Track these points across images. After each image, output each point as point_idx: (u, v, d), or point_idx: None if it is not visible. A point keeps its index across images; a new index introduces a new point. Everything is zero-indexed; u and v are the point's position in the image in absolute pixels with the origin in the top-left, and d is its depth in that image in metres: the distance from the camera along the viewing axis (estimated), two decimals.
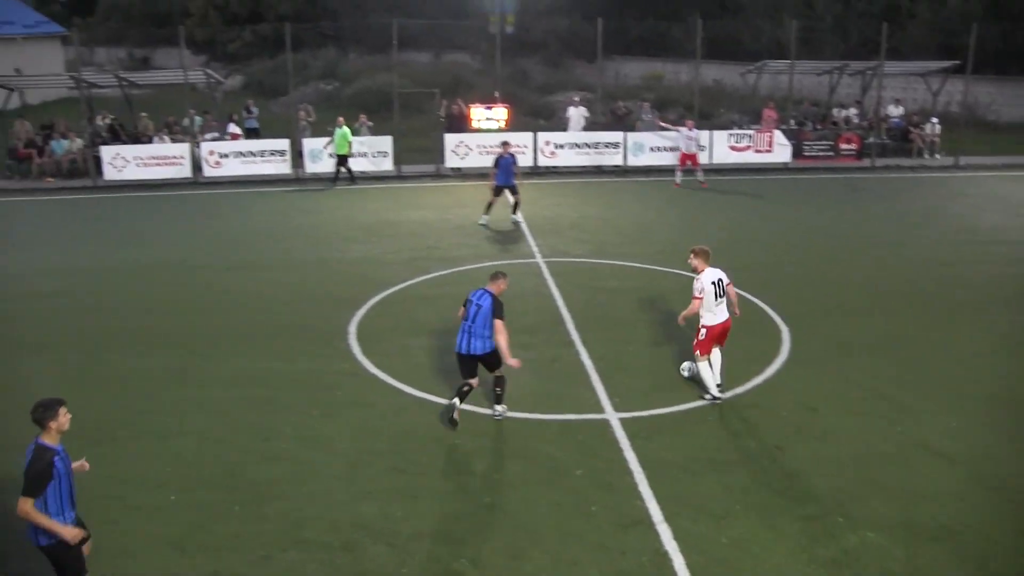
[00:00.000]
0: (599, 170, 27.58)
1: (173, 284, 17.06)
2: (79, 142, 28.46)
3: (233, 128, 28.76)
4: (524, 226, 20.73)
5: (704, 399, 11.54)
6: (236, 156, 26.92)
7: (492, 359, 10.83)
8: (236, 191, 25.59)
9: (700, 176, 25.52)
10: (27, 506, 7.01)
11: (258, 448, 10.53)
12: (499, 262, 17.74)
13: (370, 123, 28.16)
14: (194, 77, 30.29)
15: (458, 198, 23.91)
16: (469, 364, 10.86)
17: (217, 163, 26.93)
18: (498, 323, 10.52)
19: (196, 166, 27.02)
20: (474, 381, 10.85)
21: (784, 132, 28.57)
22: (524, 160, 25.87)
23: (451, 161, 27.01)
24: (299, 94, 35.33)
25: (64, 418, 7.35)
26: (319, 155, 26.57)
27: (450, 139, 26.91)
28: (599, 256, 18.25)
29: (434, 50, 52.02)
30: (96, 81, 32.25)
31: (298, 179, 26.57)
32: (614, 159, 27.53)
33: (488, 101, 27.85)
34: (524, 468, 9.98)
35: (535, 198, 23.20)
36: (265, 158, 26.85)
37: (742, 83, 34.05)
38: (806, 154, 28.95)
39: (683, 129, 25.61)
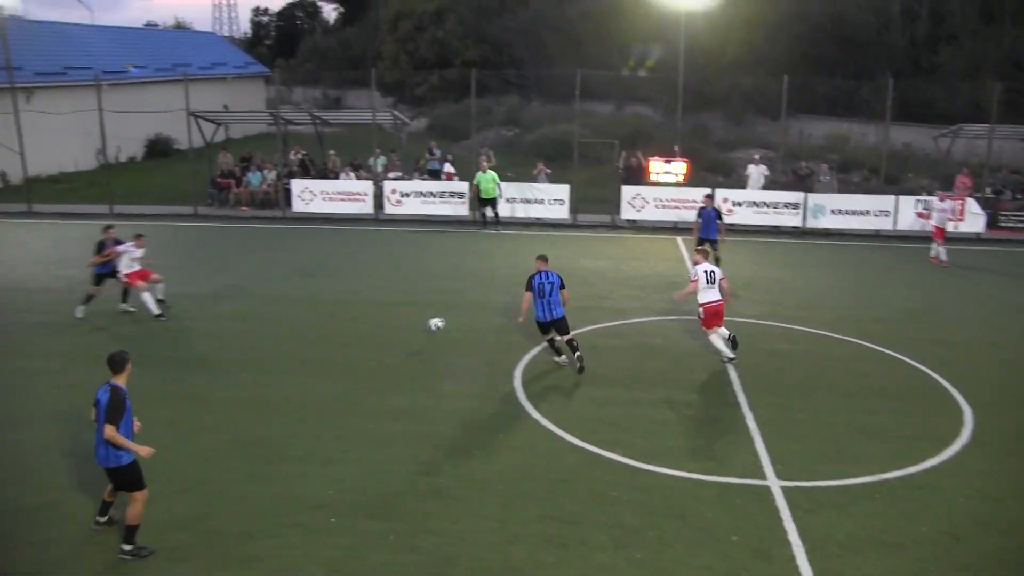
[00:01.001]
0: (776, 230, 26.95)
1: (347, 316, 17.78)
2: (273, 175, 30.21)
3: (448, 168, 29.68)
4: None
5: (723, 362, 14.75)
6: (417, 196, 27.86)
7: (564, 323, 14.40)
8: (414, 230, 26.45)
9: (941, 253, 23.30)
10: (112, 431, 8.89)
11: (417, 481, 10.75)
12: (668, 317, 17.57)
13: (548, 171, 28.57)
14: (382, 118, 31.66)
15: (632, 250, 23.85)
16: (550, 328, 14.44)
17: (399, 201, 27.94)
18: (565, 292, 14.47)
19: (378, 203, 28.12)
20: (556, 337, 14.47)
21: (979, 200, 27.12)
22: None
23: (627, 213, 27.03)
24: (481, 138, 36.36)
25: (128, 368, 9.44)
26: (502, 199, 27.16)
27: (627, 191, 26.96)
28: (771, 318, 17.76)
29: (616, 101, 52.44)
30: (292, 118, 34.25)
31: (474, 222, 27.19)
32: (793, 220, 26.84)
33: (667, 154, 27.76)
34: (678, 527, 9.75)
35: None
36: (444, 199, 27.65)
37: (934, 147, 32.60)
38: (1003, 224, 27.36)
39: (934, 200, 24.76)
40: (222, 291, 19.47)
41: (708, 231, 20.45)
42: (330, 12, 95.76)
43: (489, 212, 26.68)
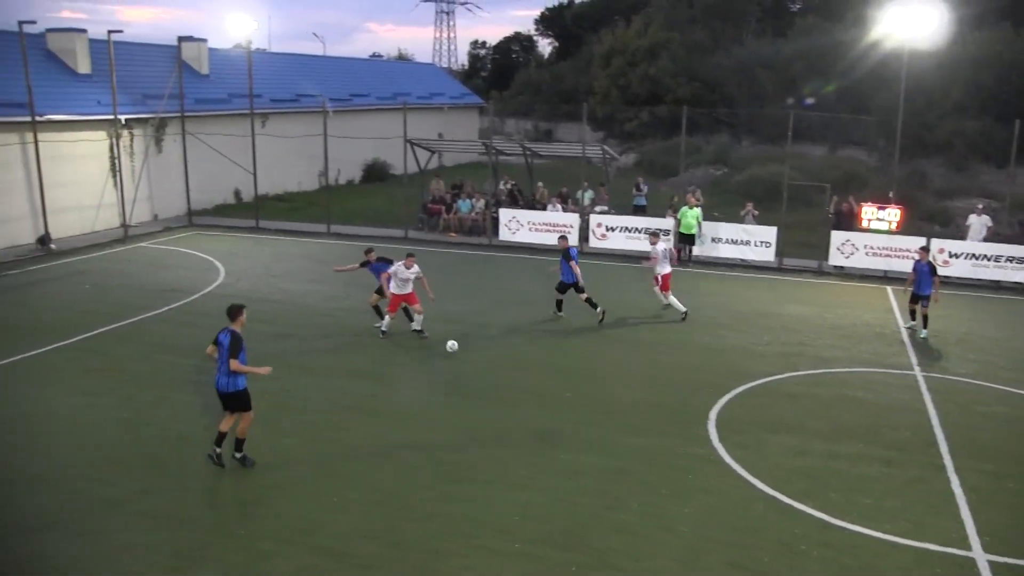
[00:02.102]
0: (997, 285, 25.20)
1: (546, 346, 18.10)
2: (482, 203, 31.15)
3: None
4: (905, 336, 19.41)
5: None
6: (622, 231, 27.94)
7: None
8: (618, 264, 26.53)
9: None
10: (237, 363, 11.46)
11: (603, 516, 10.79)
12: (873, 369, 16.84)
13: (756, 212, 28.02)
14: (591, 152, 32.01)
15: (839, 297, 22.94)
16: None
17: (604, 235, 28.14)
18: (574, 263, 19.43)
19: (583, 236, 28.42)
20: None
21: None
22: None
23: (835, 259, 26.05)
24: (688, 176, 36.12)
25: (243, 317, 11.90)
26: (703, 238, 26.89)
27: (836, 236, 25.99)
28: (986, 378, 16.62)
29: (829, 143, 50.84)
30: (503, 148, 35.18)
31: (680, 261, 26.87)
32: (1017, 275, 25.02)
33: (881, 201, 26.59)
34: None
35: None
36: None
37: None
38: None
39: None
40: (433, 315, 20.19)
41: (921, 286, 19.36)
42: (545, 46, 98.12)
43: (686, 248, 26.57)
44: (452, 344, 16.49)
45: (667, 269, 20.45)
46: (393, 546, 10.09)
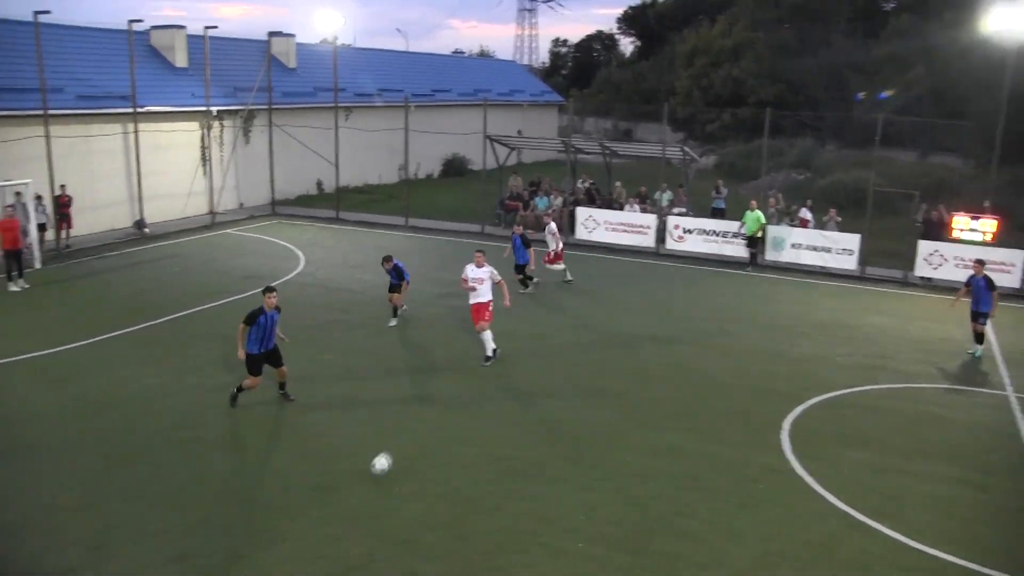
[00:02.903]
0: None
1: (619, 346, 17.97)
2: (559, 201, 31.08)
3: (805, 213, 28.04)
4: (998, 354, 18.69)
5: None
6: (700, 233, 27.61)
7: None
8: (694, 268, 26.23)
9: None
10: (240, 328, 13.15)
11: (669, 521, 10.69)
12: (960, 387, 16.34)
13: (839, 218, 27.40)
14: (671, 152, 31.70)
15: (924, 310, 22.24)
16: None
17: (680, 238, 27.84)
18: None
19: (660, 237, 28.17)
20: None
21: None
22: (1008, 281, 23.38)
23: (921, 270, 25.26)
24: (769, 180, 35.51)
25: (271, 299, 13.24)
26: (781, 244, 26.43)
27: (924, 246, 25.19)
28: None
29: (920, 149, 49.44)
30: (582, 147, 35.06)
31: (756, 264, 26.49)
32: None
33: (975, 210, 25.67)
34: None
35: (1013, 324, 20.92)
36: (727, 239, 27.19)
37: None
38: None
39: None
40: (497, 310, 20.24)
41: (980, 303, 18.02)
42: (627, 45, 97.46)
43: (752, 252, 26.21)
44: (379, 465, 11.62)
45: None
46: (457, 538, 10.16)
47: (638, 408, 14.50)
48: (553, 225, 23.91)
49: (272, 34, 37.36)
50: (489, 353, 16.50)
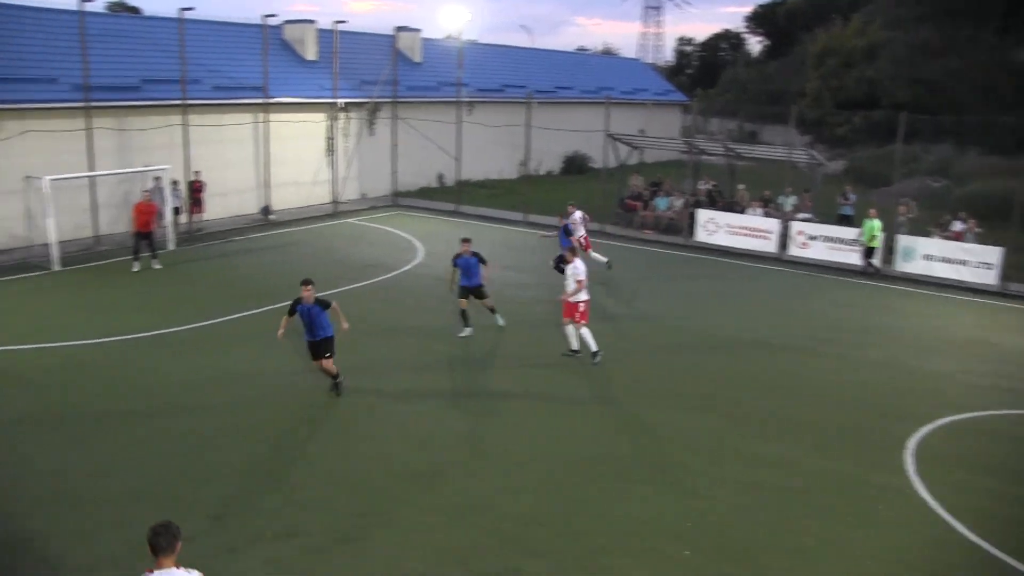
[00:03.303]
0: None
1: (738, 354, 17.50)
2: (680, 202, 30.56)
3: (958, 226, 26.35)
4: None
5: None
6: (825, 240, 26.69)
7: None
8: (817, 276, 25.29)
9: None
10: (284, 315, 13.68)
11: (780, 535, 10.32)
12: None
13: (978, 229, 26.02)
14: (797, 156, 30.75)
15: None
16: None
17: (804, 244, 26.98)
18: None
19: (783, 243, 27.36)
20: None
21: None
22: None
23: None
24: (902, 187, 34.07)
25: (306, 292, 13.26)
26: (912, 254, 25.31)
27: None
28: None
29: None
30: (705, 148, 34.38)
31: (866, 273, 25.33)
32: None
33: None
34: None
35: None
36: (854, 247, 26.18)
37: None
38: None
39: None
40: (613, 309, 20.00)
41: None
42: (754, 45, 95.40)
43: (869, 262, 25.10)
44: None
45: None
46: (563, 536, 10.08)
47: (749, 416, 14.06)
48: (579, 213, 23.59)
49: (399, 29, 37.95)
50: (574, 347, 16.45)
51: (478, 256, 17.50)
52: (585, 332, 16.28)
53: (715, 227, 28.55)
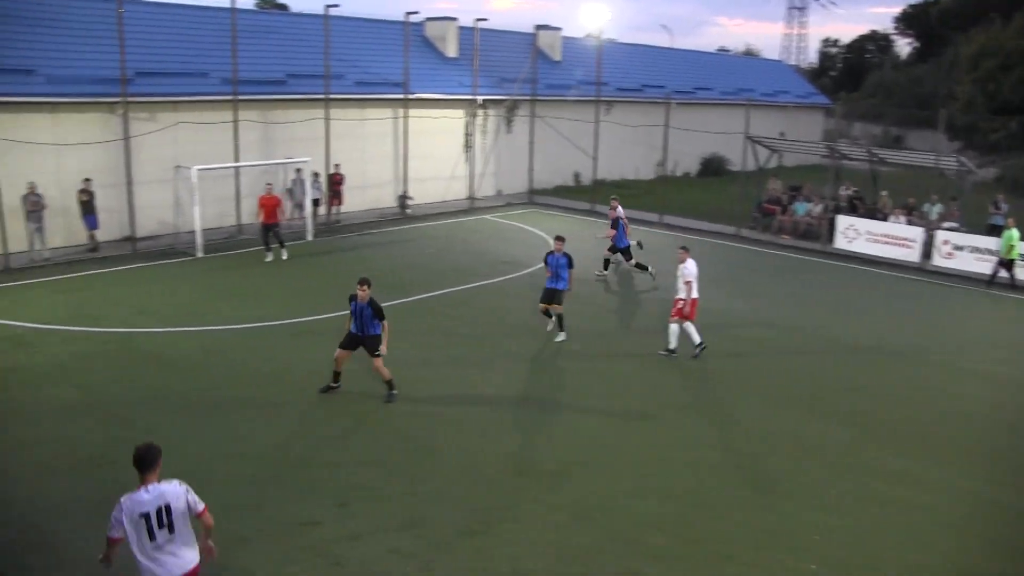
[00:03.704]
0: None
1: (867, 361, 17.20)
2: (819, 208, 29.96)
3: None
4: None
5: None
6: (972, 251, 25.69)
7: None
8: (962, 287, 24.34)
9: None
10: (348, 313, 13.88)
11: (904, 555, 10.09)
12: None
13: None
14: (945, 163, 29.70)
15: None
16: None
17: (950, 254, 26.09)
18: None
19: (926, 252, 26.52)
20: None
21: None
22: None
23: None
24: None
25: (361, 292, 13.52)
26: None
27: None
28: None
29: None
30: (848, 153, 33.52)
31: (994, 283, 24.04)
32: None
33: None
34: None
35: None
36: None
37: None
38: None
39: None
40: (747, 314, 19.89)
41: None
42: (903, 46, 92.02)
43: (1008, 273, 23.93)
44: None
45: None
46: (684, 542, 10.11)
47: (879, 429, 13.77)
48: (621, 208, 23.59)
49: (539, 27, 38.41)
50: (672, 346, 16.68)
51: (568, 258, 17.18)
52: (689, 327, 16.50)
53: (855, 234, 27.91)
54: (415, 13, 31.54)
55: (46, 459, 11.49)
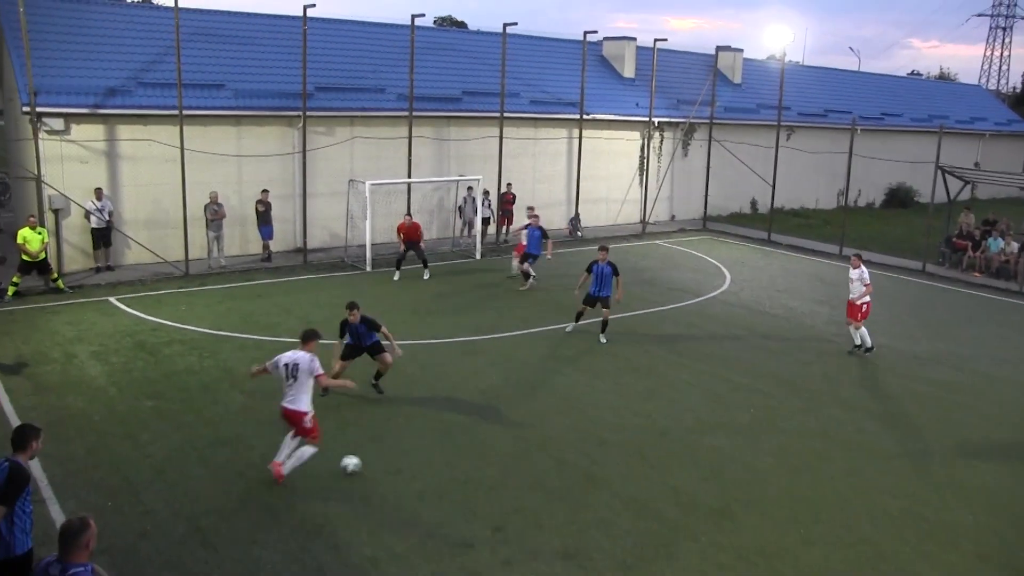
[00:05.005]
0: None
1: None
2: (1015, 245, 27.96)
3: None
4: None
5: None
6: None
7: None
8: None
9: None
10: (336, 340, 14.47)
11: None
12: None
13: None
14: None
15: None
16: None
17: None
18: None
19: None
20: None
21: None
22: None
23: None
24: None
25: (351, 316, 13.89)
26: None
27: None
28: None
29: None
30: None
31: None
32: None
33: None
34: None
35: None
36: None
37: None
38: None
39: None
40: (932, 355, 18.66)
41: None
42: None
43: None
44: (349, 463, 11.69)
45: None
46: None
47: None
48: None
49: (720, 48, 37.68)
50: (857, 343, 18.28)
51: (613, 267, 18.08)
52: (863, 330, 18.04)
53: None
54: (593, 32, 31.45)
55: (222, 461, 11.99)
